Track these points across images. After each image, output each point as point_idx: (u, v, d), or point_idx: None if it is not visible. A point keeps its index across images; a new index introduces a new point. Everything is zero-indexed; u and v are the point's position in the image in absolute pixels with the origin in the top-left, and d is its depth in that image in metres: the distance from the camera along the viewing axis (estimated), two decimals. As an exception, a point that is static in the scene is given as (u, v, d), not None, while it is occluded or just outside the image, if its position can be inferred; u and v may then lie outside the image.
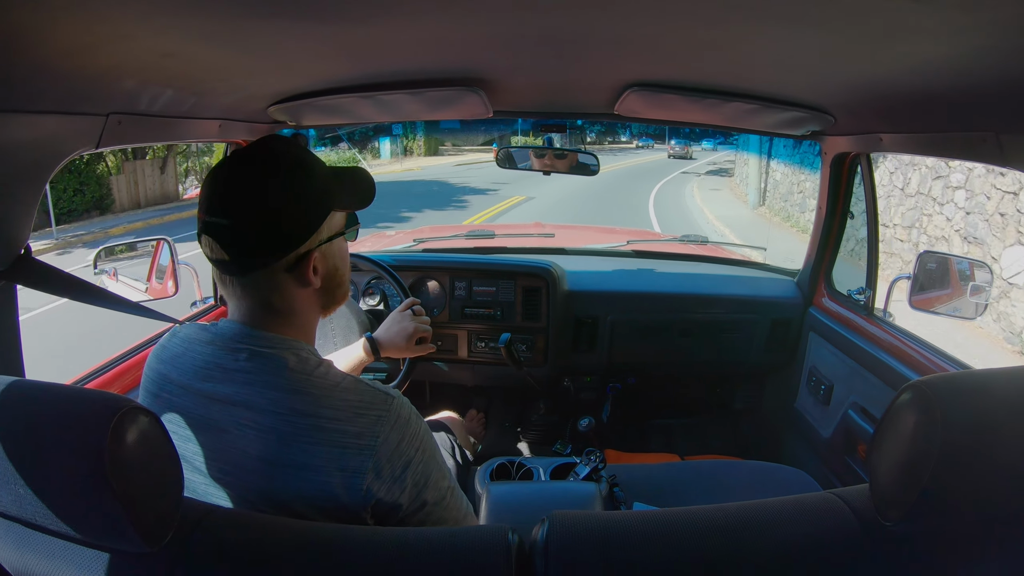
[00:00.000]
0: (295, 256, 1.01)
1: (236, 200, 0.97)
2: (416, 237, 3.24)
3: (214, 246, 0.98)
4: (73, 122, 1.18)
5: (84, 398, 0.78)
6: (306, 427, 0.94)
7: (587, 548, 0.86)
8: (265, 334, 1.00)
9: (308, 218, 1.02)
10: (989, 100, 1.21)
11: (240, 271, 0.99)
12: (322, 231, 1.04)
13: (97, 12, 0.86)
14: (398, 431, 0.99)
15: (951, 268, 2.08)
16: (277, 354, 0.98)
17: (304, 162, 1.03)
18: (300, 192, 1.01)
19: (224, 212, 0.96)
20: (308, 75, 1.52)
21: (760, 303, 2.75)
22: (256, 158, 1.02)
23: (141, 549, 0.76)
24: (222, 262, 0.99)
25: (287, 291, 1.02)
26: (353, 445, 0.95)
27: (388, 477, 0.97)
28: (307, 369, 0.99)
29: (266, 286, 1.01)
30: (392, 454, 0.97)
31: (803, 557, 0.86)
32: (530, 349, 2.73)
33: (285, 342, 1.01)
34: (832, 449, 2.33)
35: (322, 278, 1.05)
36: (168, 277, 2.15)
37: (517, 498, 1.64)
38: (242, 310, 1.03)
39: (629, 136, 48.62)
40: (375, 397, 1.00)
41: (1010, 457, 0.81)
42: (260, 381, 0.96)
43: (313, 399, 0.96)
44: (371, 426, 0.96)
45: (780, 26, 1.04)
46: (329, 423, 0.95)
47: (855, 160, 2.28)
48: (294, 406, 0.95)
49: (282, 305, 1.03)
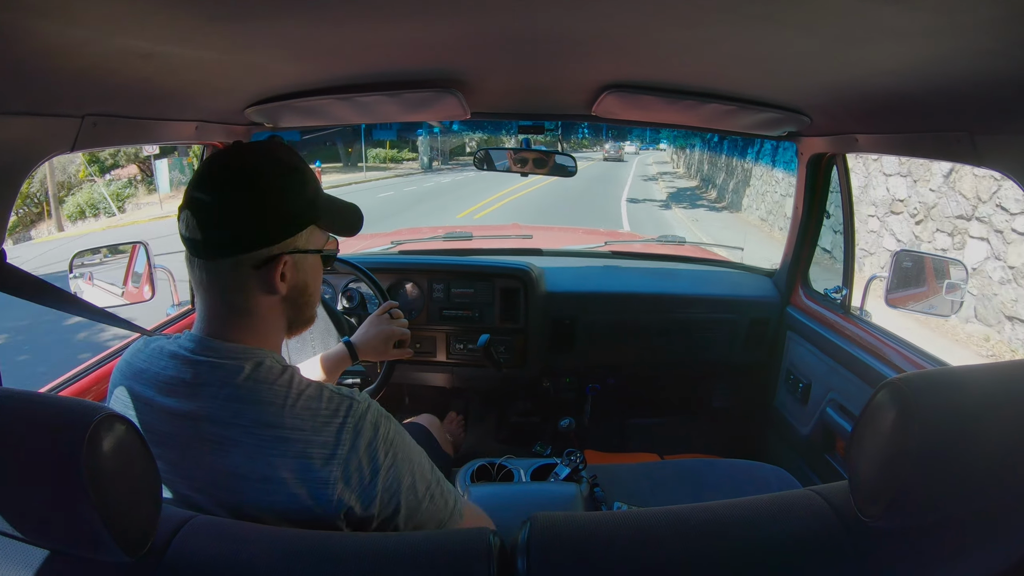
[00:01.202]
0: (266, 255, 0.99)
1: (226, 180, 0.97)
2: (394, 239, 3.23)
3: (191, 222, 0.97)
4: (48, 124, 1.16)
5: (59, 406, 0.77)
6: (270, 439, 0.92)
7: (569, 549, 0.86)
8: (226, 344, 0.98)
9: (289, 220, 1.01)
10: (963, 101, 1.22)
11: (207, 254, 0.98)
12: (299, 239, 1.03)
13: (73, 13, 0.85)
14: (364, 437, 0.96)
15: (927, 266, 2.10)
16: (238, 364, 0.96)
17: (303, 170, 1.03)
18: (290, 192, 1.00)
19: (211, 189, 0.97)
20: (285, 76, 1.50)
21: (738, 302, 2.77)
22: (255, 150, 1.02)
23: (120, 559, 0.75)
24: (193, 241, 0.98)
25: (251, 292, 1.00)
26: (318, 455, 0.93)
27: (357, 485, 0.94)
28: (269, 378, 0.96)
29: (230, 280, 0.99)
30: (359, 461, 0.95)
31: (784, 554, 0.87)
32: (509, 350, 2.73)
33: (247, 352, 0.98)
34: (811, 446, 2.35)
35: (290, 287, 1.03)
36: (144, 281, 2.13)
37: (498, 500, 1.63)
38: (206, 311, 1.01)
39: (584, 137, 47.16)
40: (339, 404, 0.97)
41: (988, 452, 0.82)
42: (222, 394, 0.94)
43: (276, 409, 0.94)
44: (335, 434, 0.94)
45: (756, 27, 1.05)
46: (292, 433, 0.93)
47: (831, 160, 2.30)
48: (257, 417, 0.93)
49: (243, 305, 1.01)
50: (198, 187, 0.97)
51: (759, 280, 2.88)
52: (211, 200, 0.96)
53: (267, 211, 0.98)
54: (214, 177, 0.98)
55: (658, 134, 31.75)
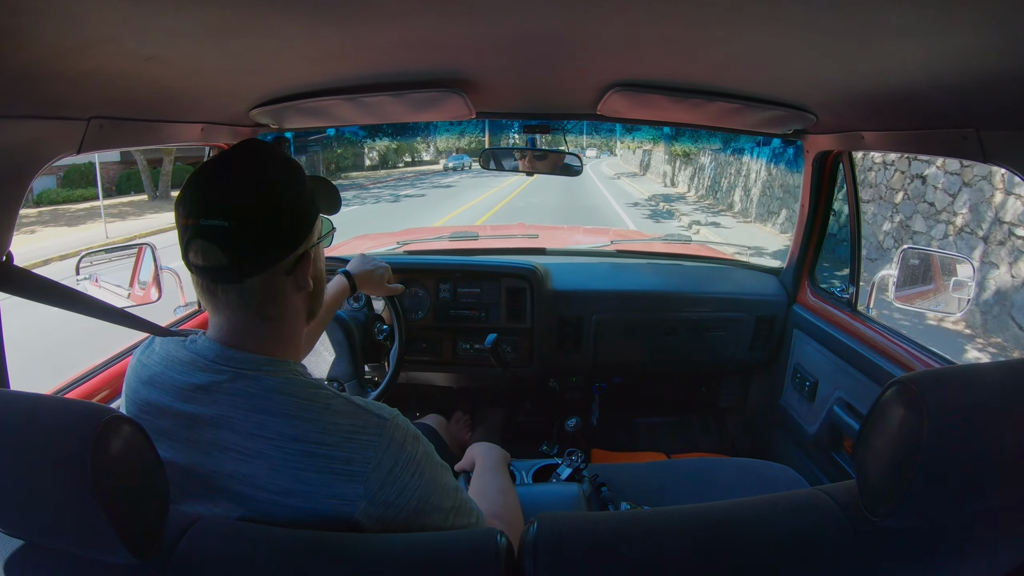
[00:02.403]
0: (295, 257, 0.98)
1: (236, 199, 0.92)
2: (399, 239, 3.23)
3: (210, 252, 0.92)
4: (54, 127, 1.16)
5: (66, 408, 0.77)
6: (295, 452, 0.90)
7: (576, 549, 0.86)
8: (249, 355, 0.96)
9: (304, 217, 1.00)
10: (970, 98, 1.22)
11: (239, 277, 0.94)
12: (314, 231, 1.03)
13: (79, 15, 0.85)
14: (391, 456, 0.93)
15: (934, 264, 2.09)
16: (263, 375, 0.94)
17: (293, 162, 1.01)
18: (298, 191, 0.99)
19: (223, 213, 0.91)
20: (291, 77, 1.51)
21: (744, 301, 2.76)
22: (250, 156, 0.98)
23: (128, 560, 0.75)
24: (217, 269, 0.93)
25: (284, 297, 0.99)
26: (343, 471, 0.90)
27: (381, 504, 0.92)
28: (295, 391, 0.94)
29: (263, 292, 0.96)
30: (385, 480, 0.92)
31: (792, 554, 0.87)
32: (515, 350, 2.73)
33: (272, 363, 0.96)
34: (818, 445, 2.34)
35: (313, 280, 1.03)
36: (151, 283, 2.14)
37: None
38: (231, 323, 0.98)
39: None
40: (367, 420, 0.94)
41: (997, 451, 0.82)
42: (246, 404, 0.92)
43: (302, 423, 0.91)
44: (362, 451, 0.91)
45: (762, 26, 1.05)
46: (319, 448, 0.90)
47: (837, 158, 2.30)
48: (282, 430, 0.90)
49: (276, 313, 0.99)
50: (206, 214, 0.91)
51: (766, 278, 2.88)
52: (228, 224, 0.90)
53: (290, 218, 0.96)
54: (220, 199, 0.92)
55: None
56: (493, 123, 5.79)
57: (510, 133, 10.23)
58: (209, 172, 0.96)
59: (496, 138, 9.74)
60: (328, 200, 1.14)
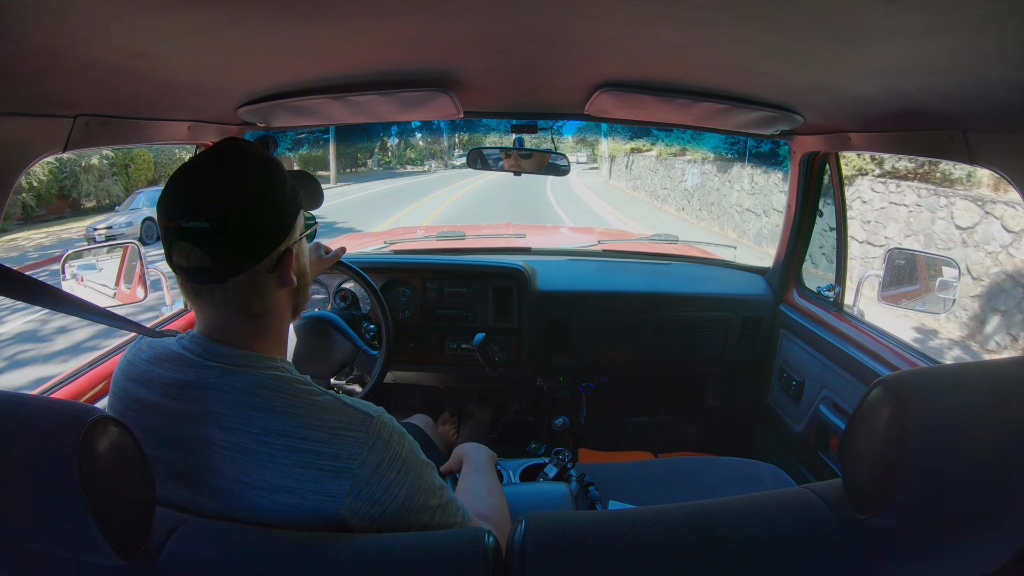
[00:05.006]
0: (277, 255, 0.99)
1: (216, 200, 0.92)
2: (387, 239, 3.22)
3: (192, 253, 0.92)
4: (40, 124, 1.15)
5: (52, 408, 0.76)
6: (281, 448, 0.90)
7: (564, 548, 0.86)
8: (237, 351, 0.97)
9: (286, 214, 1.00)
10: (956, 99, 1.23)
11: (223, 277, 0.95)
12: (296, 228, 1.03)
13: (66, 12, 0.84)
14: (377, 453, 0.94)
15: (919, 264, 2.11)
16: (250, 371, 0.95)
17: (272, 159, 1.01)
18: (278, 188, 0.99)
19: (204, 215, 0.91)
20: (278, 76, 1.50)
21: (731, 301, 2.77)
22: (229, 156, 0.98)
23: (114, 562, 0.75)
24: (201, 270, 0.94)
25: (267, 294, 1.00)
26: (330, 468, 0.90)
27: (367, 500, 0.92)
28: (282, 387, 0.94)
29: (247, 291, 0.97)
30: (371, 477, 0.93)
31: (779, 552, 0.87)
32: (503, 350, 2.73)
33: (260, 359, 0.97)
34: (805, 444, 2.35)
35: (297, 275, 1.04)
36: (137, 282, 2.12)
37: None
38: (217, 321, 0.99)
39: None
40: (354, 417, 0.95)
41: (981, 449, 0.82)
42: (232, 400, 0.92)
43: (289, 419, 0.91)
44: (348, 447, 0.92)
45: (749, 27, 1.05)
46: (305, 444, 0.90)
47: (824, 159, 2.31)
48: (268, 426, 0.91)
49: (260, 310, 1.00)
50: (187, 216, 0.91)
51: (752, 278, 2.89)
52: (210, 226, 0.91)
53: (270, 216, 0.97)
54: (201, 200, 0.92)
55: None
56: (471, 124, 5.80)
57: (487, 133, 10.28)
58: (189, 174, 0.96)
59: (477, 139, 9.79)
60: (310, 195, 1.14)
